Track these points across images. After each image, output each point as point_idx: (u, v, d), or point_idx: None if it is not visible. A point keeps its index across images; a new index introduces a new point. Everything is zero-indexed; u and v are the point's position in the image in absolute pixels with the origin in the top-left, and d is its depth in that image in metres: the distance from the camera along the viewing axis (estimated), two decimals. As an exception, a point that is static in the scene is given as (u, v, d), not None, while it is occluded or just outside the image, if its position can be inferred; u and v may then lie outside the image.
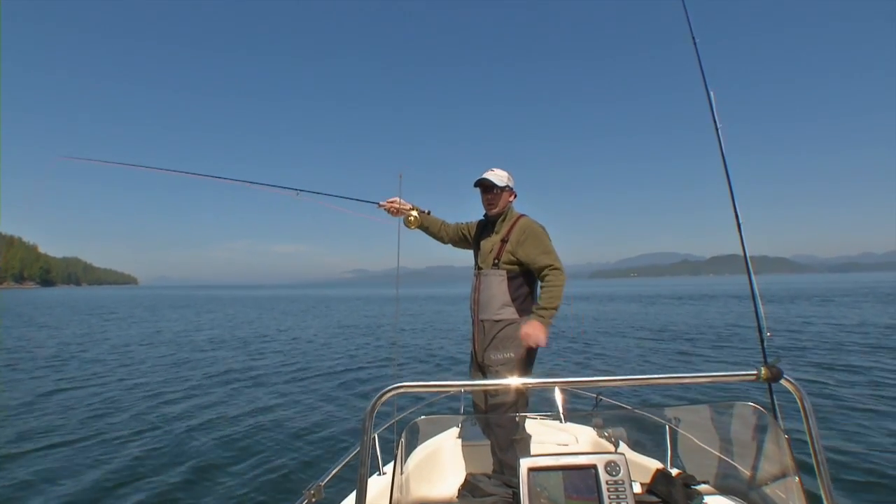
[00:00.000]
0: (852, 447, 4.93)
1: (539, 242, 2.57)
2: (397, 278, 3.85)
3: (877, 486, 4.07)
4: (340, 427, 6.14)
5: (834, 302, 28.24)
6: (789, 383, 1.28)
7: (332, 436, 5.80)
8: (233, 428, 6.08)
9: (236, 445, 5.44)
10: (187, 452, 5.23)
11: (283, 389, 8.36)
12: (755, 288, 2.42)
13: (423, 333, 16.28)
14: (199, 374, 9.79)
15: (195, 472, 4.73)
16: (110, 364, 11.20)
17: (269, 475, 4.62)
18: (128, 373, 10.05)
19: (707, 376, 1.42)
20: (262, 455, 5.14)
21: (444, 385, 1.51)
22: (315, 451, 5.29)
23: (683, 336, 14.84)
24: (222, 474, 4.66)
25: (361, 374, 9.77)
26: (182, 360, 11.75)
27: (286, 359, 11.79)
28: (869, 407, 6.33)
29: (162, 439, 5.66)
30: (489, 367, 2.56)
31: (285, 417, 6.57)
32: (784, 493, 1.53)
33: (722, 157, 2.59)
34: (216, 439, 5.64)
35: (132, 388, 8.58)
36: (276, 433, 5.88)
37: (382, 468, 2.37)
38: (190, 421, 6.41)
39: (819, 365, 9.44)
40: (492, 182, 2.67)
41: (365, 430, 1.31)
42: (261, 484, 4.42)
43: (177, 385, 8.68)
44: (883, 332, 13.99)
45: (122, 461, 5.01)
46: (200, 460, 5.00)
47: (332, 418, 6.56)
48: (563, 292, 2.51)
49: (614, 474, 1.37)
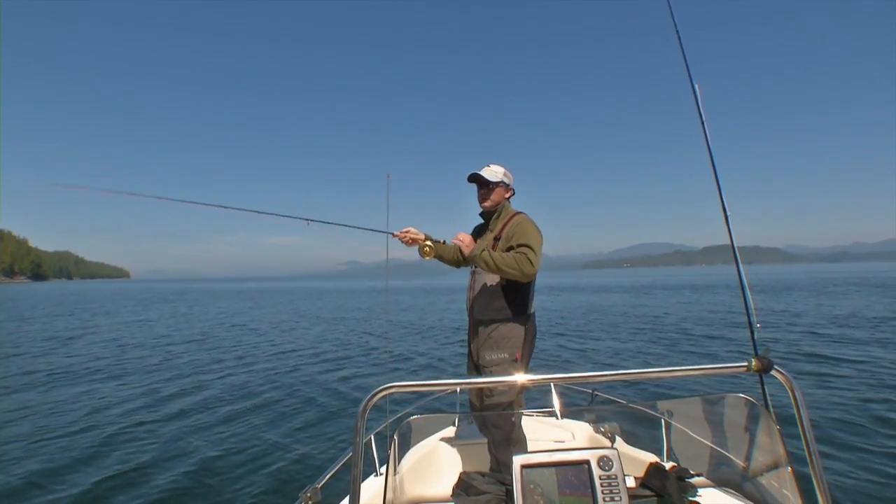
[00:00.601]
0: (843, 437, 4.98)
1: (524, 235, 2.51)
2: (387, 279, 3.82)
3: (868, 476, 4.12)
4: (338, 428, 6.02)
5: (825, 293, 28.54)
6: (780, 374, 1.28)
7: (329, 437, 5.69)
8: (224, 431, 5.91)
9: (229, 449, 5.28)
10: (177, 457, 5.09)
11: (275, 389, 8.23)
12: (744, 280, 2.42)
13: (416, 327, 16.26)
14: (187, 374, 9.66)
15: (186, 477, 4.59)
16: (98, 362, 11.12)
17: (265, 478, 4.51)
18: (113, 372, 9.96)
19: (699, 368, 1.42)
20: (256, 458, 5.01)
21: (436, 384, 1.49)
22: (312, 452, 5.18)
23: (675, 327, 14.96)
24: (214, 479, 4.54)
25: (357, 372, 9.66)
26: (168, 358, 11.58)
27: (278, 356, 11.66)
28: (860, 397, 6.40)
29: (150, 443, 5.50)
30: (484, 367, 2.55)
31: (279, 419, 6.44)
32: (777, 484, 1.55)
33: (708, 151, 2.58)
34: (206, 443, 5.48)
35: (117, 388, 8.51)
36: (271, 435, 5.74)
37: (379, 469, 2.36)
38: (178, 424, 6.23)
39: (809, 355, 9.54)
40: (483, 178, 2.67)
41: (357, 430, 1.30)
42: (256, 488, 4.32)
43: (164, 386, 8.50)
44: (872, 323, 14.18)
45: (109, 464, 4.92)
46: (191, 465, 4.85)
47: (329, 419, 6.43)
48: (512, 274, 2.43)
49: (607, 469, 1.37)
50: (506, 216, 2.68)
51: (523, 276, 2.44)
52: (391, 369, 10.05)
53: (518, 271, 2.42)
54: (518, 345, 2.51)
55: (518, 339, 2.53)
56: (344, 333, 15.73)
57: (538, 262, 2.44)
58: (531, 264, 2.41)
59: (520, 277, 2.44)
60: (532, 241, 2.48)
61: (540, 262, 2.45)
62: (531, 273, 2.42)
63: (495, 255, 2.46)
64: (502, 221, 2.65)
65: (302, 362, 10.78)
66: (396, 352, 12.03)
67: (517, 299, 2.55)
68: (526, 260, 2.42)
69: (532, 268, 2.41)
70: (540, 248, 2.49)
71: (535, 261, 2.42)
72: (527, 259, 2.42)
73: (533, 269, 2.42)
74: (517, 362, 2.50)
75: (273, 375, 9.37)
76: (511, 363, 2.49)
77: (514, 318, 2.54)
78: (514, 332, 2.52)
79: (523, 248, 2.45)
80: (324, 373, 9.55)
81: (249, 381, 8.75)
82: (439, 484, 2.09)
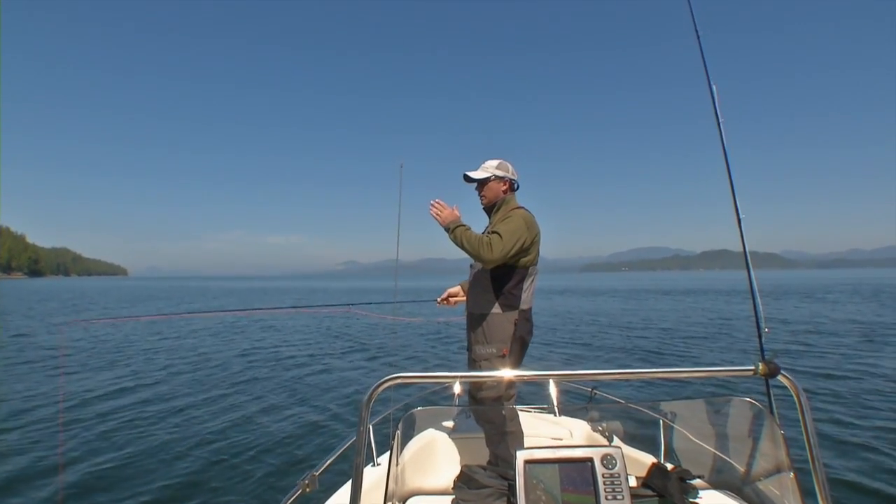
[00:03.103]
0: (847, 444, 4.96)
1: (503, 224, 2.47)
2: (396, 271, 3.82)
3: (871, 483, 4.10)
4: (336, 417, 6.13)
5: (824, 299, 28.52)
6: (786, 379, 1.27)
7: (327, 426, 5.79)
8: (226, 419, 6.04)
9: (228, 437, 5.40)
10: (175, 445, 5.17)
11: (277, 381, 8.31)
12: (754, 283, 2.39)
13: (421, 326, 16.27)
14: (192, 367, 9.69)
15: (184, 464, 4.66)
16: (93, 358, 11.09)
17: (264, 466, 4.60)
18: (113, 368, 9.94)
19: (704, 371, 1.41)
20: (254, 446, 5.11)
21: (440, 376, 1.50)
22: (310, 441, 5.28)
23: (677, 332, 14.90)
24: (213, 467, 4.61)
25: (357, 365, 9.76)
26: (171, 351, 11.60)
27: (279, 348, 11.73)
28: (864, 405, 6.35)
29: (149, 433, 5.57)
30: (474, 361, 2.55)
31: (280, 408, 6.54)
32: (779, 490, 1.54)
33: (723, 151, 2.55)
34: (205, 431, 5.59)
35: (113, 381, 8.50)
36: (271, 424, 5.85)
37: (377, 459, 2.36)
38: (180, 414, 6.34)
39: (812, 362, 9.51)
40: (469, 177, 2.69)
41: (361, 420, 1.31)
42: (255, 474, 4.40)
43: (168, 380, 8.57)
44: (873, 329, 14.15)
45: (111, 453, 4.97)
46: (190, 453, 4.95)
47: (327, 408, 6.55)
48: (471, 255, 2.45)
49: (611, 467, 1.37)
50: (505, 210, 2.62)
51: (482, 261, 2.43)
52: (395, 363, 10.11)
53: (475, 253, 2.41)
54: (506, 340, 2.47)
55: (506, 334, 2.48)
56: (348, 329, 15.74)
57: (501, 252, 2.36)
58: (490, 250, 2.35)
59: (481, 261, 2.44)
60: (505, 230, 2.42)
61: (505, 253, 2.38)
62: (488, 258, 2.37)
63: (464, 233, 2.45)
64: (501, 216, 2.60)
65: (301, 353, 10.87)
66: (403, 346, 12.06)
67: (507, 293, 2.52)
68: (487, 244, 2.37)
69: (490, 253, 2.35)
70: (512, 239, 2.40)
71: (496, 247, 2.35)
72: (488, 243, 2.37)
73: (491, 254, 2.35)
74: (504, 358, 2.46)
75: (273, 366, 9.44)
76: (498, 358, 2.46)
77: (504, 312, 2.51)
78: (502, 327, 2.49)
79: (493, 234, 2.43)
80: (323, 365, 9.62)
81: (247, 372, 8.80)
82: (440, 476, 2.08)
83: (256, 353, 11.31)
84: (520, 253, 2.47)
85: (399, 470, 1.89)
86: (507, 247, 2.38)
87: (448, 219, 2.54)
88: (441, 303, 3.04)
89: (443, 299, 3.03)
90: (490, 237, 2.41)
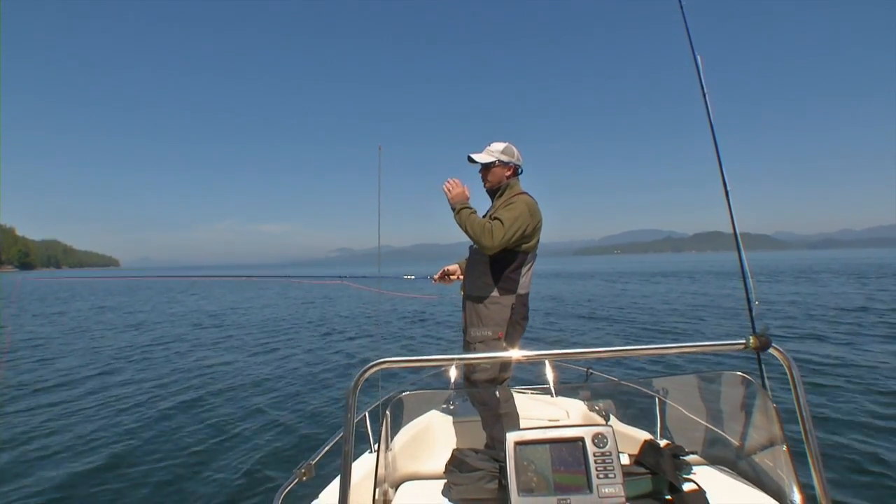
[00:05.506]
0: (839, 416, 5.03)
1: (505, 210, 2.46)
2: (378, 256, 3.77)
3: (863, 454, 4.15)
4: (333, 405, 6.13)
5: (815, 279, 28.83)
6: (778, 352, 1.26)
7: (325, 413, 5.79)
8: (219, 411, 6.00)
9: (223, 427, 5.37)
10: (170, 435, 5.16)
11: (268, 368, 8.31)
12: (743, 257, 2.38)
13: (409, 312, 16.30)
14: (176, 357, 9.66)
15: (179, 455, 4.64)
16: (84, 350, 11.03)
17: (259, 456, 4.57)
18: (102, 358, 9.89)
19: (696, 346, 1.39)
20: (251, 435, 5.10)
21: (430, 359, 1.47)
22: (307, 429, 5.26)
23: (669, 312, 15.04)
24: (210, 457, 4.58)
25: (350, 351, 9.78)
26: (161, 342, 11.57)
27: (271, 336, 11.74)
28: (856, 380, 6.41)
29: (142, 424, 5.55)
30: (469, 343, 2.56)
31: (273, 397, 6.53)
32: (772, 462, 1.54)
33: (709, 123, 2.52)
34: (201, 423, 5.56)
35: (108, 373, 8.46)
36: (265, 412, 5.85)
37: (374, 446, 2.33)
38: (171, 405, 6.30)
39: (803, 338, 9.64)
40: (473, 160, 2.67)
41: (349, 407, 1.29)
42: (251, 465, 4.37)
43: (156, 369, 8.54)
44: (864, 308, 14.31)
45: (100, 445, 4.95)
46: (185, 443, 4.92)
47: (324, 396, 6.55)
48: (472, 235, 2.45)
49: (602, 446, 1.35)
50: (509, 195, 2.59)
51: (482, 247, 2.42)
52: (385, 349, 10.15)
53: (476, 238, 2.42)
54: (502, 323, 2.47)
55: (502, 317, 2.48)
56: (335, 318, 15.74)
57: (501, 240, 2.36)
58: (491, 237, 2.35)
59: (481, 247, 2.43)
60: (507, 216, 2.40)
61: (506, 241, 2.37)
62: (489, 245, 2.37)
63: (469, 216, 2.47)
64: (504, 201, 2.57)
65: (294, 341, 10.89)
66: (391, 331, 12.08)
67: (505, 277, 2.51)
68: (488, 231, 2.36)
69: (491, 240, 2.35)
70: (514, 227, 2.39)
71: (497, 235, 2.35)
72: (490, 230, 2.36)
73: (491, 241, 2.35)
74: (500, 341, 2.46)
75: (266, 355, 9.44)
76: (493, 341, 2.46)
77: (501, 296, 2.50)
78: (499, 310, 2.49)
79: (495, 220, 2.42)
80: (318, 352, 9.63)
81: (241, 361, 8.78)
82: (432, 460, 2.07)
83: (246, 343, 11.28)
84: (521, 239, 2.46)
85: (391, 456, 1.87)
86: (509, 234, 2.38)
87: (457, 198, 2.56)
88: (437, 280, 3.04)
89: (440, 276, 3.03)
90: (492, 224, 2.39)
